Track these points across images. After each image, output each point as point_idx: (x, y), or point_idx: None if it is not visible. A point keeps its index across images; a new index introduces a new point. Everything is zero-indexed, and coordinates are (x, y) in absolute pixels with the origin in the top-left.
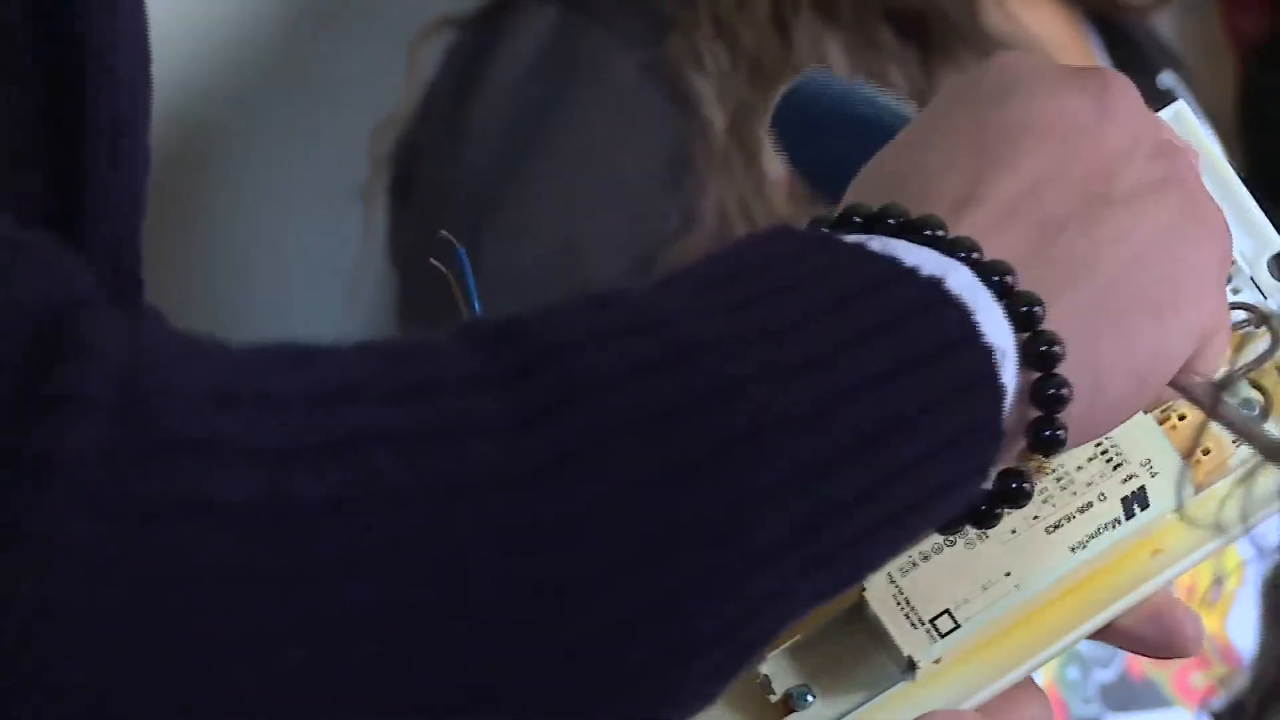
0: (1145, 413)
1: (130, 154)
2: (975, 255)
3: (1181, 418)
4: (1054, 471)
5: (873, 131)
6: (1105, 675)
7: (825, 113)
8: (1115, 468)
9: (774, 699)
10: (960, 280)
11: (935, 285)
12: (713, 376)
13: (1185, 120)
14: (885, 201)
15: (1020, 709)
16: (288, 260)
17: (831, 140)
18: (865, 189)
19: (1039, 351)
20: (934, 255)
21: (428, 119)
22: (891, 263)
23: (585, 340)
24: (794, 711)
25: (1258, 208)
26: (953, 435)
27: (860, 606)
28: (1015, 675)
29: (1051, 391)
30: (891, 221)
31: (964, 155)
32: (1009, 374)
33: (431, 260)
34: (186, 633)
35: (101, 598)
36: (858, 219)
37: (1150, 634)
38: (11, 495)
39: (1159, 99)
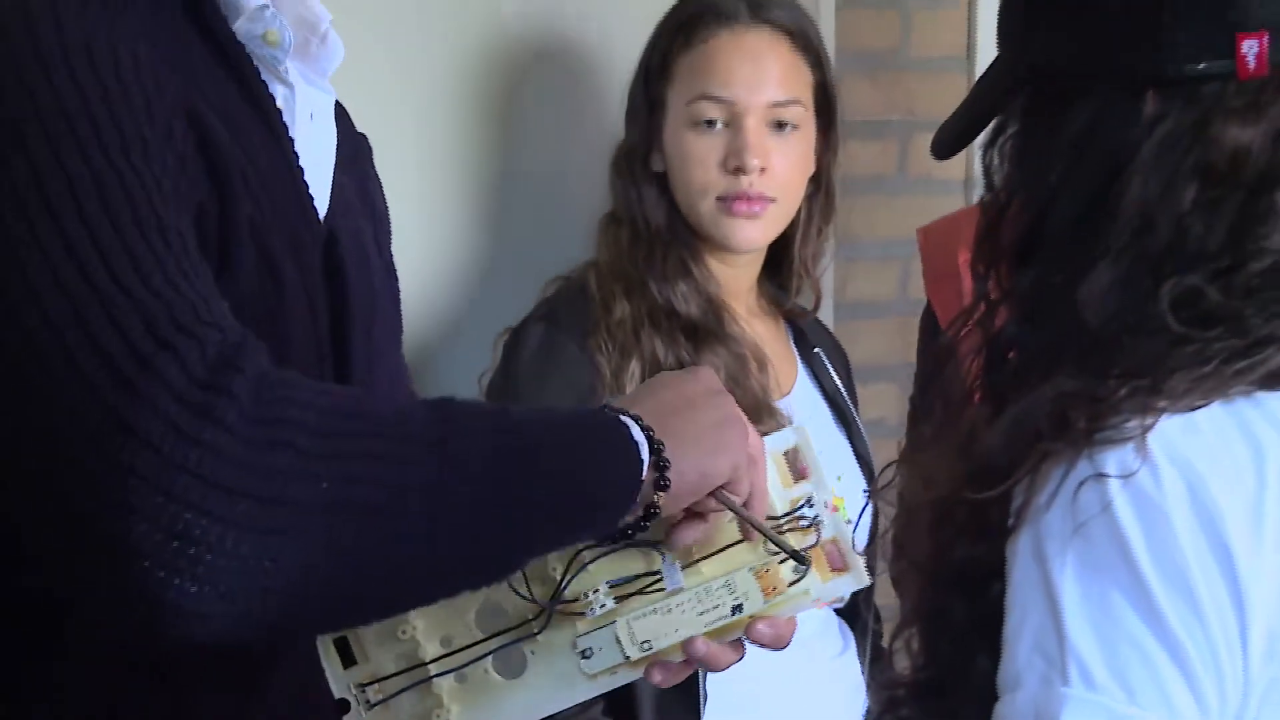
0: (750, 571)
1: (383, 364)
2: (642, 424)
3: (767, 570)
4: (704, 587)
5: None
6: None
7: None
8: (731, 593)
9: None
10: (637, 434)
11: (630, 435)
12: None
13: (804, 436)
14: (632, 407)
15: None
16: None
17: None
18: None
19: (658, 458)
20: (635, 428)
21: (496, 372)
22: (626, 429)
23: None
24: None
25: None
26: (624, 477)
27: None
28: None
29: (663, 468)
30: (627, 417)
31: (647, 402)
32: (645, 466)
33: None
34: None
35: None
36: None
37: (760, 638)
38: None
39: (810, 357)
